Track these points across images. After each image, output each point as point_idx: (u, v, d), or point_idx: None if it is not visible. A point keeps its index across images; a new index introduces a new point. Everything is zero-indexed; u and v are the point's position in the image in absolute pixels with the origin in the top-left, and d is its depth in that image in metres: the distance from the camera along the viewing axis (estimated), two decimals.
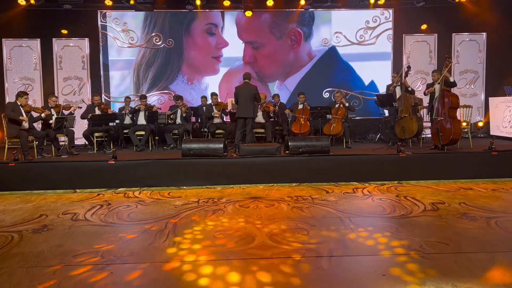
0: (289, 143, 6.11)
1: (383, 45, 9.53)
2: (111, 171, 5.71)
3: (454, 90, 6.49)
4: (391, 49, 9.51)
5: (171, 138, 7.65)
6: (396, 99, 7.23)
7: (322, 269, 2.77)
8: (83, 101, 8.40)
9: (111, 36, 9.31)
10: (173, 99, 8.41)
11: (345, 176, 5.86)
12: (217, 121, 8.03)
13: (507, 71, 9.07)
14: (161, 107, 8.44)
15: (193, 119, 8.37)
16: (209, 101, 8.41)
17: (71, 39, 9.16)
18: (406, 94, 6.98)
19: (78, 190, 5.57)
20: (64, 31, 9.04)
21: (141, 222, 3.98)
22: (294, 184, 5.76)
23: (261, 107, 7.80)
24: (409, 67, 7.27)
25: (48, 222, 4.02)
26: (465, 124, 6.93)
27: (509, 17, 8.97)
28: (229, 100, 8.29)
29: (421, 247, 3.12)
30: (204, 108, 8.30)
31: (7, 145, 6.23)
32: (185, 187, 5.67)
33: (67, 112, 7.09)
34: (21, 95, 6.25)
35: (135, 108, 7.73)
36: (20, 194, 5.42)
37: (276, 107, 8.03)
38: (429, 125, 7.22)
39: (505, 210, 4.21)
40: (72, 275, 2.72)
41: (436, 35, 9.42)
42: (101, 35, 9.27)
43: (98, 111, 7.48)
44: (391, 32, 9.50)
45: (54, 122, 6.71)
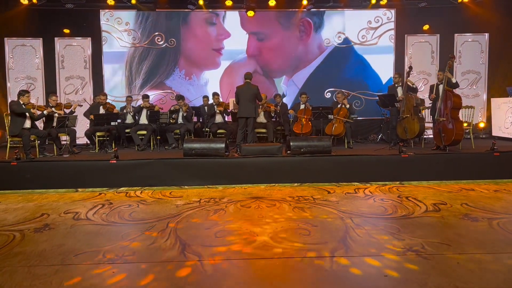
0: (291, 143, 6.11)
1: (385, 45, 9.44)
2: (112, 171, 5.72)
3: (456, 90, 6.46)
4: (393, 50, 9.49)
5: (172, 137, 7.65)
6: (397, 99, 7.22)
7: (323, 269, 2.77)
8: (85, 100, 8.41)
9: (113, 35, 9.28)
10: (174, 98, 8.40)
11: (346, 176, 5.85)
12: (218, 120, 8.02)
13: (510, 72, 9.04)
14: (163, 107, 8.43)
15: (194, 119, 8.37)
16: (211, 101, 8.41)
17: (73, 38, 9.16)
18: (408, 94, 6.96)
19: (79, 189, 5.57)
20: (66, 31, 9.05)
21: (142, 221, 3.99)
22: (295, 184, 5.76)
23: (262, 107, 7.79)
24: (410, 68, 7.26)
25: (49, 221, 4.03)
26: (466, 124, 6.91)
27: None
28: (231, 100, 8.27)
29: (422, 248, 3.11)
30: (206, 108, 8.30)
31: (9, 144, 6.25)
32: (186, 187, 5.67)
33: (68, 110, 7.10)
34: (23, 93, 6.28)
35: (140, 106, 7.74)
36: (22, 193, 5.43)
37: (277, 107, 8.02)
38: (431, 125, 7.21)
39: (507, 211, 4.20)
40: (73, 274, 2.72)
41: (438, 35, 9.39)
42: (103, 34, 9.24)
43: (102, 110, 7.48)
44: (393, 32, 9.47)
45: (56, 120, 6.72)
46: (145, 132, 7.43)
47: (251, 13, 8.84)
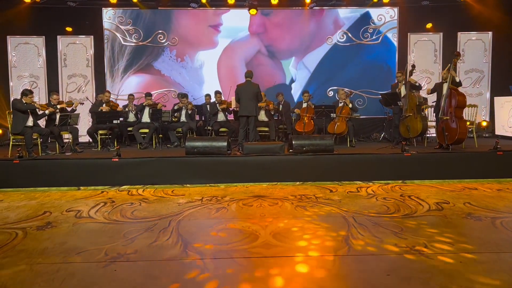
0: (293, 142, 6.09)
1: (387, 43, 9.40)
2: (115, 169, 5.72)
3: (459, 89, 6.44)
4: (396, 48, 9.45)
5: (175, 136, 7.66)
6: (400, 98, 7.18)
7: (326, 268, 2.76)
8: (87, 98, 8.42)
9: (115, 33, 9.27)
10: (177, 96, 8.38)
11: (349, 175, 5.84)
12: (221, 119, 8.02)
13: None
14: (166, 105, 8.42)
15: (197, 117, 8.37)
16: (213, 99, 8.40)
17: (75, 36, 9.17)
18: (410, 93, 6.93)
19: (82, 187, 5.58)
20: (68, 29, 9.06)
21: (144, 220, 3.99)
22: (297, 183, 5.75)
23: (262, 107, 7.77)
24: (413, 66, 7.23)
25: (52, 219, 4.04)
26: (469, 123, 6.88)
27: None
28: (232, 98, 8.24)
29: (425, 247, 3.10)
30: (208, 106, 8.29)
31: (11, 142, 6.26)
32: (188, 185, 5.67)
33: (69, 108, 7.11)
34: (27, 93, 6.26)
35: (143, 104, 7.74)
36: (24, 191, 5.44)
37: (278, 106, 8.00)
38: (433, 124, 7.18)
39: (510, 210, 4.18)
40: (75, 273, 2.72)
41: (441, 34, 9.36)
42: (106, 32, 9.24)
43: (106, 108, 7.47)
44: (396, 30, 9.43)
45: (58, 119, 6.73)
46: (147, 130, 7.44)
47: (253, 11, 8.76)
